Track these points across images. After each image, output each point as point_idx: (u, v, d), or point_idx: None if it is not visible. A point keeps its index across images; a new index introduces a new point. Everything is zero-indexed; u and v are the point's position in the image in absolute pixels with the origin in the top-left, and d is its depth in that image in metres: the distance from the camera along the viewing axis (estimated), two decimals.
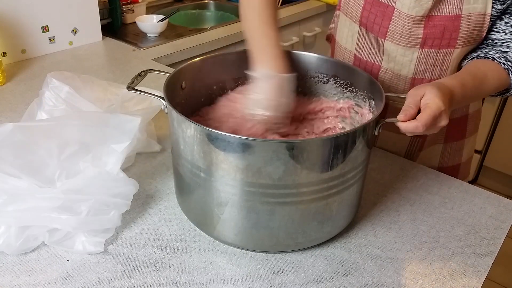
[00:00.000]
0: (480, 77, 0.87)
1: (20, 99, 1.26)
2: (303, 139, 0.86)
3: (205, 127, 0.68)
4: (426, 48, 0.93)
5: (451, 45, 0.91)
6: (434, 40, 0.91)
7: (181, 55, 1.64)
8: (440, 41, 0.91)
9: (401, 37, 0.93)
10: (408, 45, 0.93)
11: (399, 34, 0.93)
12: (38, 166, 0.78)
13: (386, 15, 0.92)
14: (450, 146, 1.12)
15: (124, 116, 0.85)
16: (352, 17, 0.99)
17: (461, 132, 1.11)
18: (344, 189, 0.74)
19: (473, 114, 1.11)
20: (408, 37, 0.92)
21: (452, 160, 1.14)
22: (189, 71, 0.87)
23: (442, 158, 1.14)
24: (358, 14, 0.97)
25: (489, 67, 0.88)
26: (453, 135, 1.11)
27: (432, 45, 0.92)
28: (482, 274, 0.76)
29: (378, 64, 1.00)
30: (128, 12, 1.88)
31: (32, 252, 0.76)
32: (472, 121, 1.11)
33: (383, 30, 0.94)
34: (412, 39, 0.92)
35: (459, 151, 1.14)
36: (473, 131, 1.14)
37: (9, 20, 1.43)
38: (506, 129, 2.37)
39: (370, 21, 0.95)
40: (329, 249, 0.79)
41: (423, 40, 0.92)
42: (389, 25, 0.93)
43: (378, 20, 0.94)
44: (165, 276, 0.73)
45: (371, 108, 0.85)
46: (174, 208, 0.87)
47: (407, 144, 1.11)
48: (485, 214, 0.90)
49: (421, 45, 0.93)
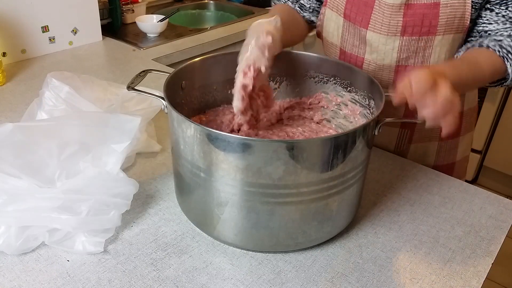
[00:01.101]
0: (474, 63, 0.87)
1: (20, 99, 1.26)
2: (303, 139, 0.86)
3: (205, 127, 0.68)
4: (406, 35, 0.94)
5: (431, 32, 0.92)
6: (414, 28, 0.92)
7: (181, 55, 1.64)
8: (420, 28, 0.92)
9: (382, 26, 0.94)
10: (389, 34, 0.95)
11: (379, 23, 0.94)
12: (38, 166, 0.78)
13: (368, 5, 0.95)
14: (446, 144, 1.12)
15: (124, 116, 0.85)
16: (338, 11, 1.01)
17: (456, 130, 1.11)
18: (344, 189, 0.74)
19: (467, 111, 1.11)
20: (388, 25, 0.94)
21: (446, 158, 1.14)
22: (189, 71, 0.87)
23: (438, 156, 1.14)
24: (342, 6, 0.99)
25: (483, 55, 0.89)
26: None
27: (412, 33, 0.93)
28: (482, 274, 0.76)
29: (361, 57, 1.01)
30: (128, 12, 1.88)
31: (32, 252, 0.76)
32: (466, 118, 1.11)
33: (366, 20, 0.96)
34: (392, 27, 0.94)
35: (454, 149, 1.14)
36: (468, 129, 1.14)
37: (9, 20, 1.43)
38: (506, 129, 2.37)
39: (353, 12, 0.97)
40: (329, 249, 0.79)
41: (403, 28, 0.93)
42: (371, 14, 0.95)
43: (361, 10, 0.96)
44: (165, 276, 0.73)
45: (371, 108, 0.85)
46: (174, 208, 0.87)
47: (396, 136, 1.11)
48: (485, 214, 0.90)
49: (401, 33, 0.94)
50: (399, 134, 1.11)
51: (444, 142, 1.12)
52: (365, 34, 0.97)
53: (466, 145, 1.17)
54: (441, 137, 1.10)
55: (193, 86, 0.88)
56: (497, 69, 0.88)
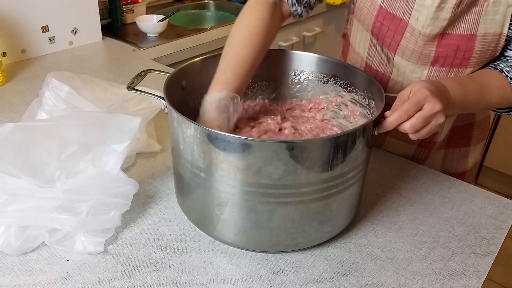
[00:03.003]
0: (483, 83, 0.84)
1: (20, 99, 1.26)
2: (303, 139, 0.86)
3: (205, 127, 0.68)
4: (437, 66, 0.90)
5: (463, 64, 0.88)
6: (446, 59, 0.88)
7: (181, 55, 1.64)
8: (452, 60, 0.88)
9: (412, 53, 0.90)
10: (419, 62, 0.91)
11: (410, 51, 0.90)
12: (38, 166, 0.78)
13: (399, 30, 0.89)
14: (453, 151, 1.10)
15: (124, 116, 0.85)
16: (364, 26, 0.96)
17: (465, 139, 1.09)
18: (344, 189, 0.74)
19: (480, 122, 1.08)
20: (420, 54, 0.89)
21: (455, 167, 1.12)
22: (189, 71, 0.87)
23: (444, 163, 1.12)
24: (370, 24, 0.93)
25: (494, 77, 0.86)
26: (456, 141, 1.09)
27: (443, 64, 0.89)
28: (482, 274, 0.76)
29: (388, 76, 0.98)
30: (128, 12, 1.88)
31: (32, 252, 0.76)
32: (479, 128, 1.09)
33: (394, 45, 0.91)
34: (424, 56, 0.89)
35: (464, 158, 1.11)
36: (481, 138, 1.11)
37: (9, 20, 1.43)
38: (506, 129, 2.37)
39: (382, 33, 0.92)
40: (329, 249, 0.79)
41: (435, 59, 0.89)
42: (400, 40, 0.90)
43: (390, 34, 0.90)
44: (165, 276, 0.73)
45: (371, 109, 0.85)
46: (174, 208, 0.87)
47: (412, 153, 1.09)
48: (485, 214, 0.90)
49: (432, 63, 0.90)
50: (416, 151, 1.08)
51: (451, 150, 1.10)
52: (393, 57, 0.93)
53: (478, 154, 1.14)
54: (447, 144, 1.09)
55: (193, 86, 0.88)
56: (505, 95, 0.86)
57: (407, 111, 0.69)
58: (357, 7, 0.96)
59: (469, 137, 1.09)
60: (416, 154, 1.09)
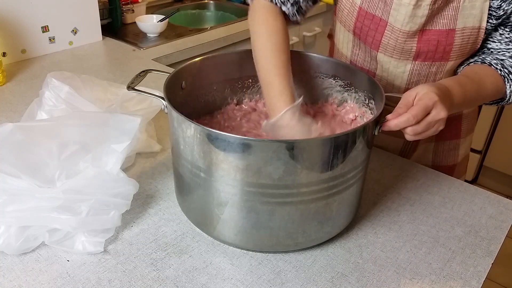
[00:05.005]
0: (478, 81, 0.86)
1: (20, 99, 1.26)
2: (303, 139, 0.86)
3: (205, 127, 0.68)
4: (419, 60, 0.92)
5: (444, 58, 0.91)
6: (428, 53, 0.91)
7: (181, 55, 1.64)
8: (434, 54, 0.91)
9: (394, 50, 0.92)
10: (401, 58, 0.93)
11: (392, 48, 0.92)
12: (38, 166, 0.78)
13: (379, 29, 0.91)
14: (443, 144, 1.12)
15: (124, 116, 0.85)
16: (346, 26, 0.98)
17: (454, 132, 1.11)
18: (344, 189, 0.74)
19: (468, 114, 1.10)
20: (401, 50, 0.92)
21: (446, 159, 1.14)
22: (189, 71, 0.87)
23: (435, 156, 1.13)
24: (351, 24, 0.96)
25: (486, 72, 0.88)
26: (445, 134, 1.10)
27: (425, 58, 0.92)
28: (482, 274, 0.76)
29: (373, 72, 1.00)
30: (128, 12, 1.88)
31: (32, 252, 0.76)
32: (467, 121, 1.11)
33: (376, 43, 0.94)
34: (406, 52, 0.92)
35: (454, 150, 1.14)
36: (470, 130, 1.14)
37: (9, 20, 1.43)
38: (506, 129, 2.36)
39: (364, 33, 0.94)
40: (329, 249, 0.79)
41: (417, 54, 0.91)
42: (382, 38, 0.92)
43: (371, 33, 0.93)
44: (165, 276, 0.73)
45: (371, 109, 0.85)
46: (174, 208, 0.87)
47: (401, 145, 1.11)
48: (485, 214, 0.90)
49: (414, 58, 0.92)
50: (404, 143, 1.10)
51: (441, 143, 1.12)
52: (376, 55, 0.96)
53: (468, 146, 1.17)
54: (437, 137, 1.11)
55: (193, 86, 0.88)
56: (499, 89, 0.88)
57: (416, 116, 0.70)
58: (338, 8, 0.99)
59: (458, 129, 1.11)
60: (405, 147, 1.11)
